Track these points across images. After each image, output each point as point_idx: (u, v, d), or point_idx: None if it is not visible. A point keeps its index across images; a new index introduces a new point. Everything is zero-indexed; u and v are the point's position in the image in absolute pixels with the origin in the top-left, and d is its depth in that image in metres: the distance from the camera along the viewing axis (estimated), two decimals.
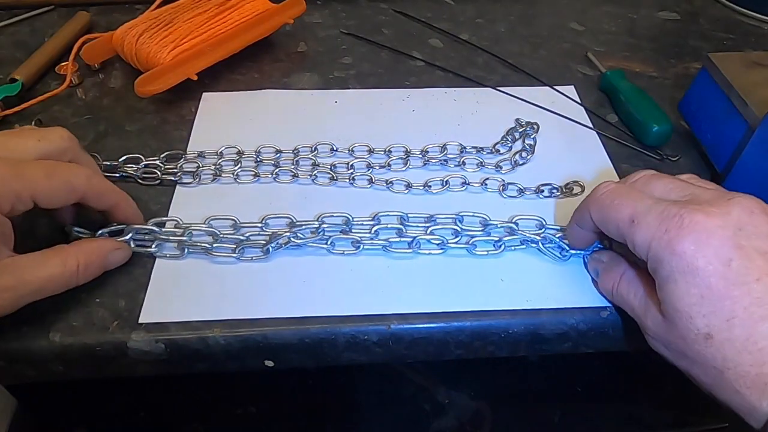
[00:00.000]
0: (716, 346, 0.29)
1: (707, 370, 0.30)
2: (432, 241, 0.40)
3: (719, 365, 0.29)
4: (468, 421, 0.59)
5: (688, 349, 0.31)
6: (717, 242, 0.29)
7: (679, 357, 0.32)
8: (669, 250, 0.30)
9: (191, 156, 0.46)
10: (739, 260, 0.29)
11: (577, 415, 0.60)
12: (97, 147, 0.47)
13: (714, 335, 0.29)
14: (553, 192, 0.44)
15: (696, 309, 0.30)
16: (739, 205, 0.30)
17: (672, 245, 0.30)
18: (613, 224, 0.33)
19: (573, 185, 0.44)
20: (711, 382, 0.30)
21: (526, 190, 0.44)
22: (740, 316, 0.29)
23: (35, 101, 0.51)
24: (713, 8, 0.70)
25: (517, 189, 0.45)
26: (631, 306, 0.34)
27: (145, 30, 0.53)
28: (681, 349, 0.31)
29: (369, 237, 0.40)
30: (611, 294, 0.36)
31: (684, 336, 0.30)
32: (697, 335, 0.30)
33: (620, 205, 0.33)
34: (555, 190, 0.44)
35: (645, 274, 0.33)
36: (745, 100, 0.42)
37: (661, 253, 0.30)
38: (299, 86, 0.55)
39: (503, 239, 0.40)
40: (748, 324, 0.28)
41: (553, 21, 0.65)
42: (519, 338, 0.37)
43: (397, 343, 0.36)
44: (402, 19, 0.65)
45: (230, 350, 0.35)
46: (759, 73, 0.45)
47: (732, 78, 0.44)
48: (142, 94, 0.49)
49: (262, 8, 0.57)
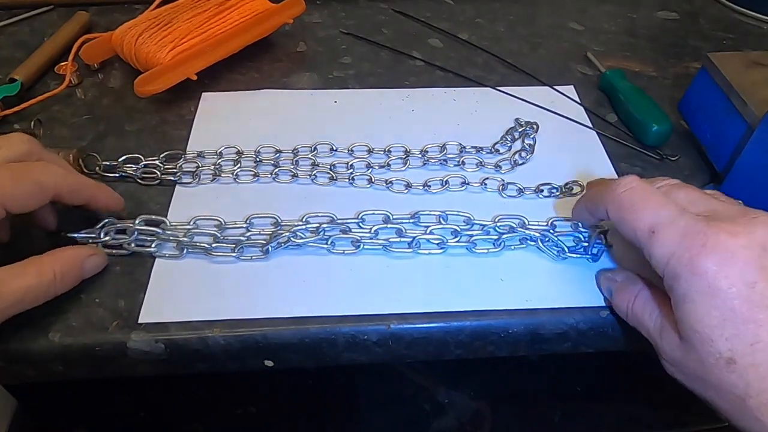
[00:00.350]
0: (739, 372, 0.28)
1: (727, 396, 0.29)
2: (432, 240, 0.40)
3: (741, 392, 0.28)
4: (468, 421, 0.59)
5: (707, 373, 0.29)
6: (741, 263, 0.28)
7: (696, 381, 0.30)
8: (689, 268, 0.29)
9: (191, 156, 0.46)
10: (763, 282, 0.28)
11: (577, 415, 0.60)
12: (96, 147, 0.47)
13: (737, 360, 0.28)
14: (553, 192, 0.44)
15: (718, 332, 0.28)
16: (764, 225, 0.29)
17: (693, 264, 0.29)
18: (630, 229, 0.32)
19: (572, 185, 0.44)
20: (730, 409, 0.29)
21: (525, 190, 0.44)
22: (765, 340, 0.27)
23: (35, 101, 0.51)
24: (713, 8, 0.70)
25: (516, 189, 0.45)
26: (647, 327, 0.33)
27: (144, 30, 0.52)
28: (699, 374, 0.30)
29: (369, 237, 0.40)
30: (626, 315, 0.35)
31: (703, 360, 0.29)
32: (718, 360, 0.29)
33: (641, 212, 0.31)
34: (554, 189, 0.44)
35: (662, 295, 0.33)
36: (744, 100, 0.42)
37: (680, 270, 0.29)
38: (299, 86, 0.55)
39: (502, 237, 0.40)
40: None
41: (552, 21, 0.65)
42: (519, 338, 0.37)
43: (396, 343, 0.36)
44: (401, 18, 0.65)
45: (230, 350, 0.35)
46: (759, 72, 0.45)
47: (731, 78, 0.44)
48: (141, 94, 0.49)
49: (261, 8, 0.57)
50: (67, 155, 0.44)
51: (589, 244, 0.39)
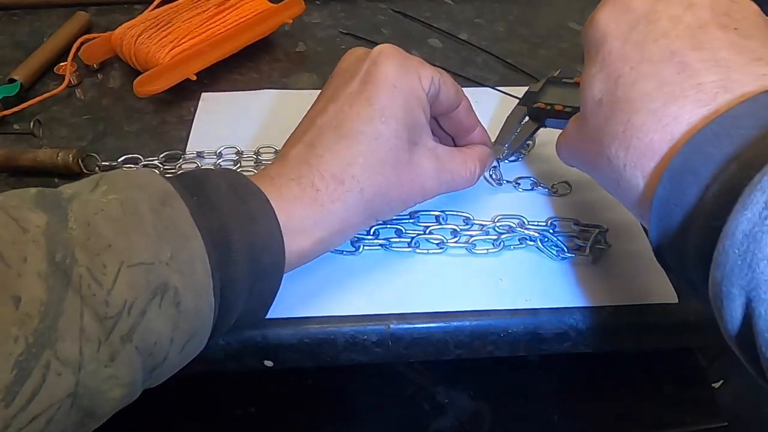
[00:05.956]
0: (603, 112, 0.28)
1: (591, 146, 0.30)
2: (431, 240, 0.40)
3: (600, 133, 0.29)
4: (467, 421, 0.58)
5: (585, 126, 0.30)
6: (636, 5, 0.29)
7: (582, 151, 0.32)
8: (590, 22, 0.30)
9: (190, 156, 0.46)
10: (645, 23, 0.28)
11: (576, 415, 0.60)
12: (96, 147, 0.47)
13: (603, 99, 0.28)
14: (550, 188, 0.44)
15: (596, 76, 0.29)
16: None
17: (593, 17, 0.30)
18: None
19: (572, 184, 0.44)
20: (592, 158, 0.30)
21: (524, 188, 0.44)
22: (626, 75, 0.28)
23: (34, 101, 0.51)
24: None
25: (513, 186, 0.45)
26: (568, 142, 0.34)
27: (144, 30, 0.52)
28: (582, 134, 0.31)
29: (368, 236, 0.40)
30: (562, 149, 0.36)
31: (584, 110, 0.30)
32: (592, 105, 0.29)
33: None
34: (553, 187, 0.44)
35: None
36: None
37: (587, 30, 0.30)
38: (298, 86, 0.55)
39: (502, 237, 0.40)
40: (629, 82, 0.28)
41: (552, 21, 0.65)
42: (518, 338, 0.37)
43: (396, 343, 0.36)
44: (401, 19, 0.65)
45: (229, 351, 0.35)
46: None
47: None
48: (141, 94, 0.49)
49: (261, 8, 0.57)
50: (67, 155, 0.44)
51: (589, 243, 0.39)
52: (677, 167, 0.25)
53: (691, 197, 0.25)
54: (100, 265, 0.25)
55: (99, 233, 0.25)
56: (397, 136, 0.33)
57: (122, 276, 0.25)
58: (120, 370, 0.25)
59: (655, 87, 0.27)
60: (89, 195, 0.27)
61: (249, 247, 0.29)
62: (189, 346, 0.28)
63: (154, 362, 0.27)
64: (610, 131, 0.28)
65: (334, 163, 0.32)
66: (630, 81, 0.28)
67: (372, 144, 0.33)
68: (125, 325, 0.25)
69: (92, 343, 0.24)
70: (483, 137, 0.41)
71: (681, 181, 0.25)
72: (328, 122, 0.33)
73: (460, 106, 0.38)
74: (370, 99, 0.33)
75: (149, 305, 0.25)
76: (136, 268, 0.25)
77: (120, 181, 0.28)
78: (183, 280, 0.26)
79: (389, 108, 0.33)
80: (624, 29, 0.29)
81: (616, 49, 0.29)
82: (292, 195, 0.31)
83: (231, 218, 0.29)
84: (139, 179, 0.28)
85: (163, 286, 0.26)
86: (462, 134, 0.40)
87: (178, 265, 0.26)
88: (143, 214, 0.27)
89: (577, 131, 0.32)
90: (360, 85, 0.34)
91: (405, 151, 0.34)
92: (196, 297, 0.27)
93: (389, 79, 0.34)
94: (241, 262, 0.29)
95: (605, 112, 0.28)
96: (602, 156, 0.29)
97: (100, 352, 0.24)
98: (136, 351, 0.25)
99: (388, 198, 0.34)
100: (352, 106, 0.33)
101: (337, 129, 0.33)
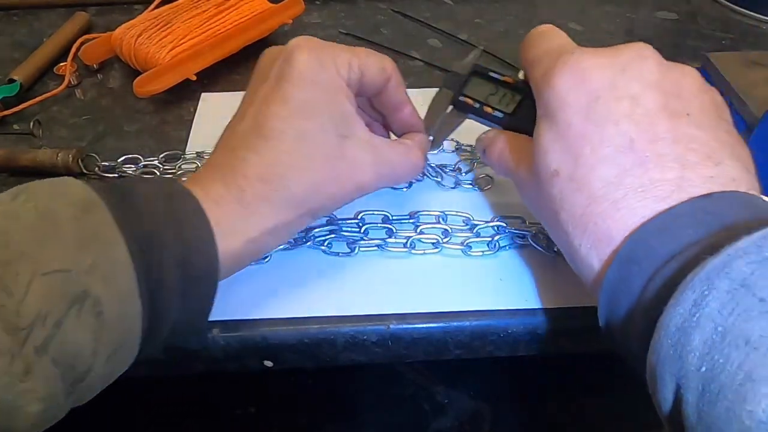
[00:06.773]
0: (559, 185, 0.29)
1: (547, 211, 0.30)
2: (424, 240, 0.40)
3: (556, 206, 0.29)
4: (467, 421, 0.59)
5: (539, 190, 0.30)
6: (595, 78, 0.29)
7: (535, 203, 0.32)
8: (547, 84, 0.30)
9: (190, 156, 0.46)
10: (605, 100, 0.28)
11: (576, 414, 0.60)
12: (95, 147, 0.47)
13: (560, 173, 0.29)
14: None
15: (554, 145, 0.29)
16: (632, 48, 0.29)
17: (550, 79, 0.29)
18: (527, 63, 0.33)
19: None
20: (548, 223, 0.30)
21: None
22: (587, 155, 0.28)
23: (34, 102, 0.51)
24: (711, 8, 0.69)
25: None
26: (509, 165, 0.34)
27: (143, 30, 0.53)
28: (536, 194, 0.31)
29: (364, 237, 0.40)
30: (496, 165, 0.36)
31: (539, 175, 0.30)
32: (547, 173, 0.29)
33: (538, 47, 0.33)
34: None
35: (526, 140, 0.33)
36: (743, 100, 0.42)
37: (542, 88, 0.30)
38: None
39: (501, 237, 0.40)
40: (589, 164, 0.28)
41: (551, 21, 0.65)
42: (518, 338, 0.37)
43: (396, 343, 0.36)
44: (400, 19, 0.65)
45: (229, 351, 0.35)
46: (757, 72, 0.45)
47: (730, 77, 0.44)
48: (140, 94, 0.49)
49: (260, 8, 0.57)
50: (67, 156, 0.44)
51: None
52: (624, 257, 0.27)
53: (635, 287, 0.26)
54: (12, 273, 0.24)
55: (11, 241, 0.24)
56: (323, 130, 0.32)
57: (35, 285, 0.24)
58: (37, 383, 0.24)
59: (616, 176, 0.27)
60: (7, 205, 0.26)
61: (178, 249, 0.28)
62: (116, 356, 0.27)
63: (75, 374, 0.25)
64: (567, 208, 0.29)
65: (259, 164, 0.31)
66: (590, 163, 0.28)
67: (296, 142, 0.32)
68: (40, 336, 0.24)
69: (4, 356, 0.23)
70: (414, 115, 0.39)
71: (628, 270, 0.27)
72: (248, 125, 0.32)
73: (390, 82, 0.37)
74: (285, 97, 0.32)
75: (66, 315, 0.24)
76: (51, 276, 0.24)
77: (41, 191, 0.27)
78: (105, 288, 0.25)
79: (308, 103, 0.32)
80: (583, 102, 0.29)
81: (576, 125, 0.28)
82: (219, 195, 0.31)
83: (158, 223, 0.28)
84: (61, 188, 0.28)
85: (83, 295, 0.25)
86: (391, 111, 0.39)
87: (99, 272, 0.25)
88: (61, 222, 0.26)
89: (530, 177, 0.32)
90: (275, 83, 0.33)
91: (335, 146, 0.33)
92: (120, 304, 0.26)
93: (304, 74, 0.32)
94: (170, 267, 0.28)
95: (562, 186, 0.29)
96: (557, 225, 0.30)
97: (14, 365, 0.23)
98: (53, 363, 0.24)
99: (324, 194, 0.33)
100: (270, 106, 0.32)
101: (258, 131, 0.32)
